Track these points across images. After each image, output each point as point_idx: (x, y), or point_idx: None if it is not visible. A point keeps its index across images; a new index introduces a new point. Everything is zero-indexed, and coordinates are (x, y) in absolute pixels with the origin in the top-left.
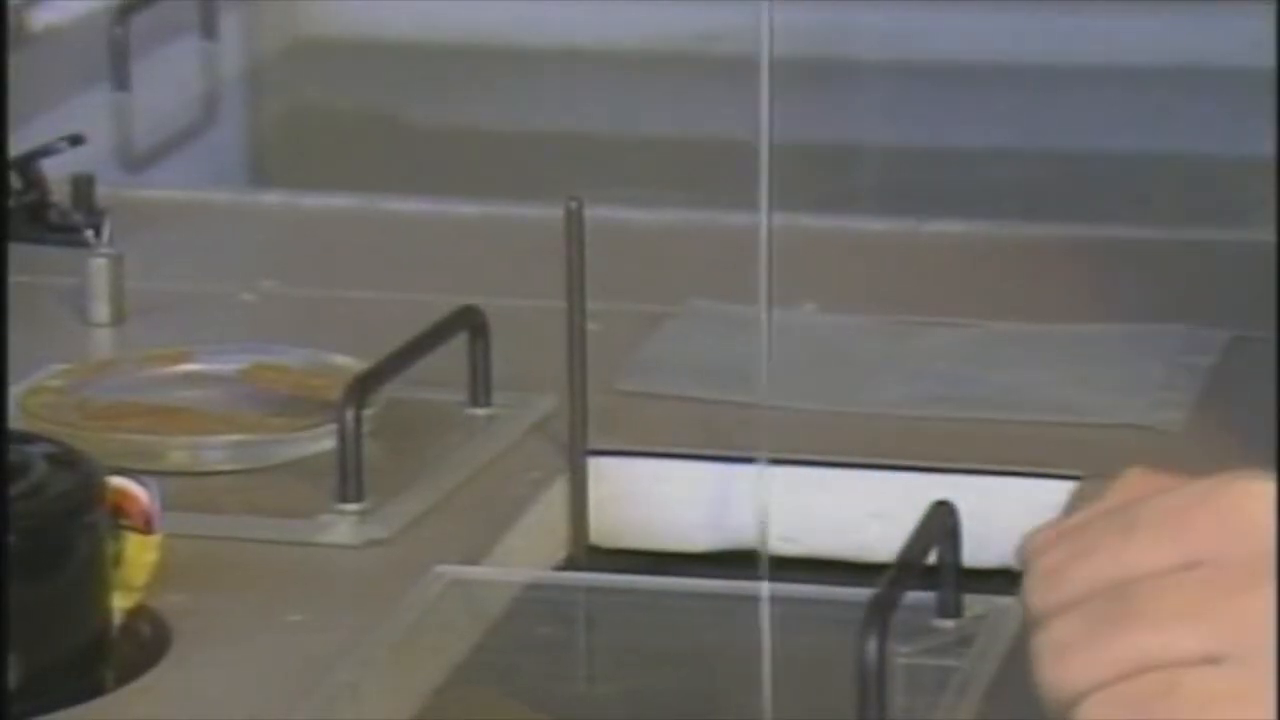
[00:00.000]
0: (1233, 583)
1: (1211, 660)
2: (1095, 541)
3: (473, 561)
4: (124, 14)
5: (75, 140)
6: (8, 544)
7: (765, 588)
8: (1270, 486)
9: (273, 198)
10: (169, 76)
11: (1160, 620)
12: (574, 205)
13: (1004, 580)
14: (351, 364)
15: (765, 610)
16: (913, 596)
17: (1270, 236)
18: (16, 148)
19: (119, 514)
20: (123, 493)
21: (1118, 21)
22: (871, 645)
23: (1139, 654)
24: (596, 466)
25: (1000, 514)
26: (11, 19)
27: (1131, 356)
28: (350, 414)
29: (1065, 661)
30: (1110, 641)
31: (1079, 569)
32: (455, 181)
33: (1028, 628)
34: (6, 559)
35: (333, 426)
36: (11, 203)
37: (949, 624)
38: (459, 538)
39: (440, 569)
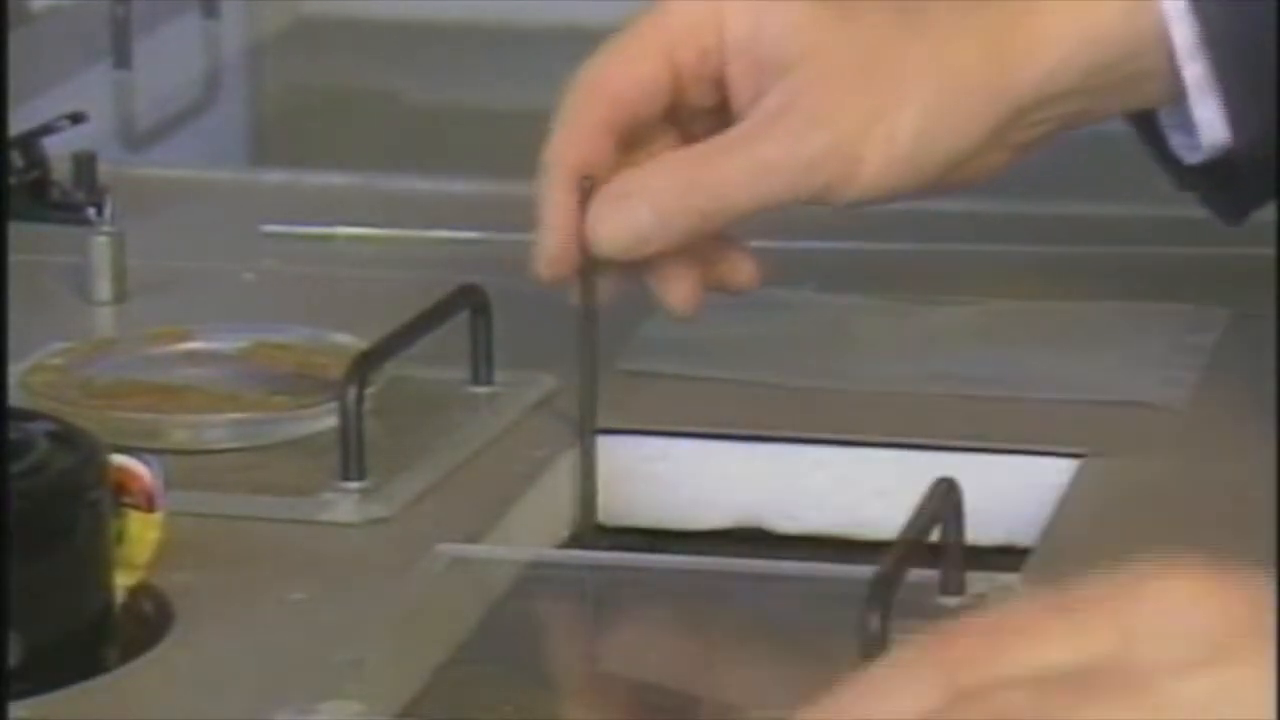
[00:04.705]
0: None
1: None
2: None
3: (475, 540)
4: None
5: (77, 118)
6: (9, 522)
7: (768, 565)
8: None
9: (274, 176)
10: (170, 55)
11: None
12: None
13: (1007, 558)
14: (353, 342)
15: (768, 588)
16: (916, 574)
17: (1270, 215)
18: (18, 126)
19: (121, 492)
20: (125, 470)
21: None
22: (874, 623)
23: None
24: (601, 445)
25: (1003, 492)
26: None
27: (1134, 334)
28: (352, 392)
29: None
30: None
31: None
32: (457, 160)
33: None
34: (7, 537)
35: (334, 405)
36: (13, 181)
37: (952, 602)
38: (461, 516)
39: (442, 547)
